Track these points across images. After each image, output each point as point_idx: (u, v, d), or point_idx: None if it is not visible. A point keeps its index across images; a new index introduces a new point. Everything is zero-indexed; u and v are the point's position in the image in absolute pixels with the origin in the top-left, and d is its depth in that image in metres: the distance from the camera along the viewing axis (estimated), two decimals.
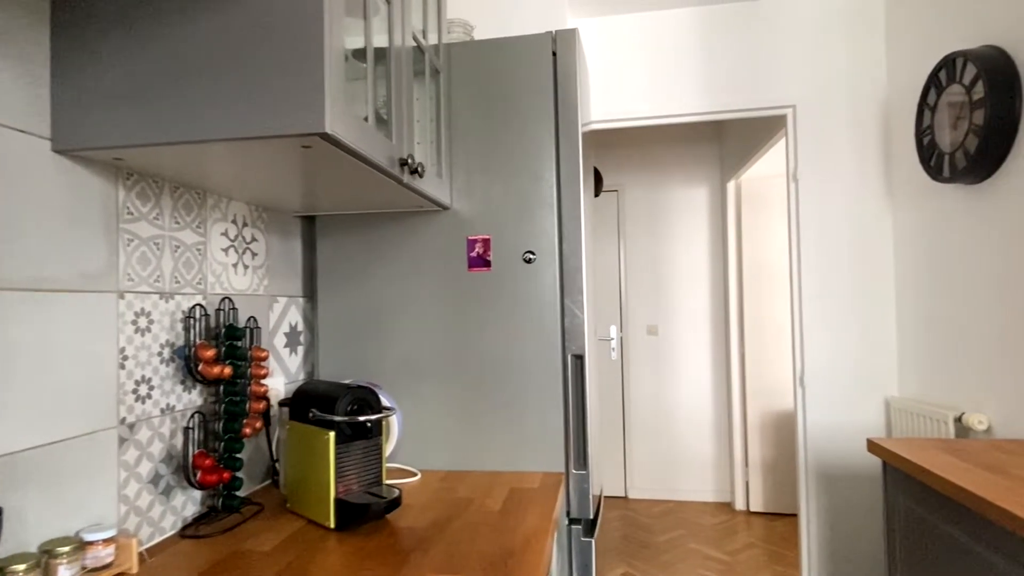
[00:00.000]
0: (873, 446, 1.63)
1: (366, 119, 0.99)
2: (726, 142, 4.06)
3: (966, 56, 1.79)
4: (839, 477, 2.45)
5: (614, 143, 4.34)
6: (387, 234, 1.49)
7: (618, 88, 2.62)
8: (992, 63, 1.70)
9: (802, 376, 2.48)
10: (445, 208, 1.45)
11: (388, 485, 1.17)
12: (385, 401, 1.33)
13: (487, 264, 1.43)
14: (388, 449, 1.34)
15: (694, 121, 2.60)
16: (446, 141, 1.43)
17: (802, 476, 2.48)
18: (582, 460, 1.39)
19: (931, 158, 1.99)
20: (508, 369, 1.42)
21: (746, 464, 3.89)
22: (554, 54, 1.42)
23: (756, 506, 3.85)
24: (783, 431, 3.81)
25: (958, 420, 1.90)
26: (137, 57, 0.87)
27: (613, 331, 4.34)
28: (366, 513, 1.07)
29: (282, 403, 1.27)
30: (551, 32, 1.42)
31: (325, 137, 0.82)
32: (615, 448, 4.26)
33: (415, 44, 1.25)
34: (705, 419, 4.15)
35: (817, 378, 2.46)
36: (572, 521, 1.41)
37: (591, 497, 1.39)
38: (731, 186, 3.96)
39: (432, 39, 1.39)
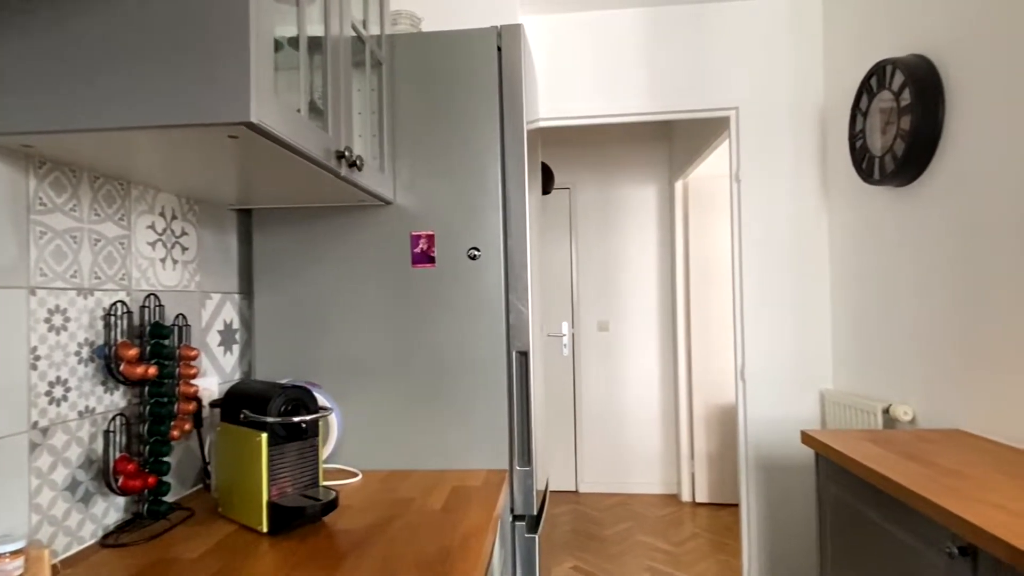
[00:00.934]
0: (806, 438, 1.69)
1: (299, 110, 0.95)
2: (674, 142, 4.15)
3: (895, 64, 1.87)
4: (778, 468, 2.54)
5: (566, 141, 4.36)
6: (328, 229, 1.45)
7: (568, 86, 2.63)
8: (918, 71, 1.78)
9: (743, 371, 2.55)
10: (388, 203, 1.43)
11: (325, 487, 1.14)
12: (323, 401, 1.29)
13: (431, 260, 1.41)
14: (327, 450, 1.31)
15: (641, 121, 2.64)
16: (389, 134, 1.41)
17: (743, 467, 2.56)
18: (526, 457, 1.40)
19: (863, 161, 2.07)
20: (452, 366, 1.41)
21: (692, 457, 3.99)
22: (499, 49, 1.41)
23: (702, 497, 3.96)
24: (727, 424, 3.93)
25: (886, 412, 1.99)
26: (47, 38, 0.81)
27: (565, 327, 4.37)
28: (300, 516, 1.04)
29: (213, 404, 1.22)
30: (496, 27, 1.41)
31: (251, 127, 0.79)
32: (566, 443, 4.30)
33: (355, 34, 1.22)
34: (653, 413, 4.24)
35: (757, 373, 2.54)
36: (516, 518, 1.41)
37: (535, 493, 1.39)
38: (679, 185, 4.05)
39: (374, 29, 1.36)
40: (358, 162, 1.11)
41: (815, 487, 2.10)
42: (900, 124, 1.85)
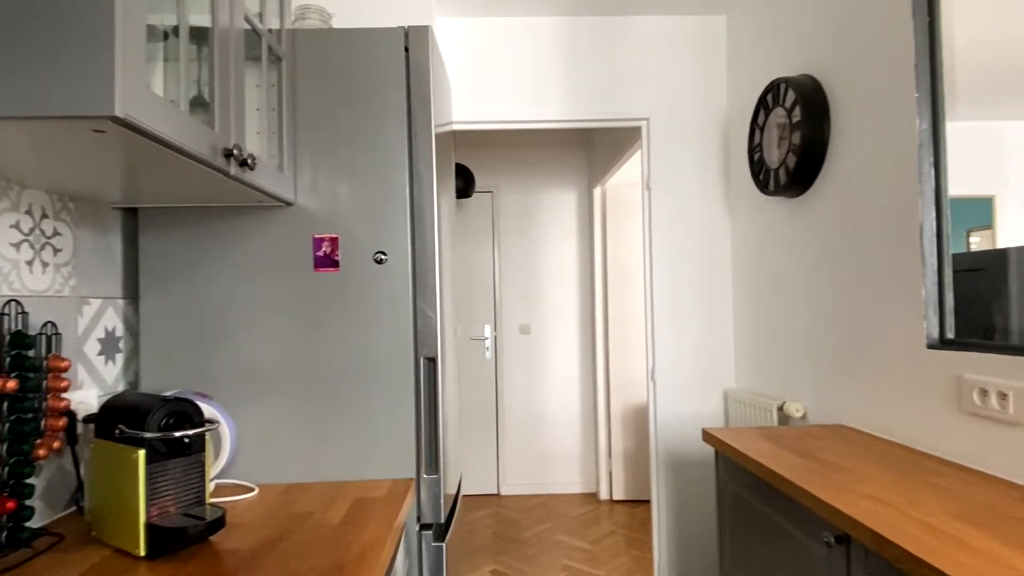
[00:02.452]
0: (707, 435, 1.77)
1: (178, 104, 0.89)
2: (593, 149, 4.25)
3: (787, 82, 1.99)
4: (685, 464, 2.64)
5: (489, 145, 4.37)
6: (223, 230, 1.37)
7: (487, 90, 2.64)
8: (807, 90, 1.91)
9: (653, 371, 2.64)
10: (289, 204, 1.37)
11: (213, 504, 1.08)
12: (212, 413, 1.22)
13: (335, 264, 1.36)
14: (219, 465, 1.23)
15: (558, 128, 2.68)
16: (290, 133, 1.35)
17: (653, 465, 2.65)
18: (434, 464, 1.38)
19: (760, 173, 2.20)
20: (357, 374, 1.37)
21: (609, 456, 4.10)
22: (407, 50, 1.38)
23: (619, 495, 4.07)
24: (642, 423, 4.06)
25: (780, 409, 2.12)
26: None
27: (487, 330, 4.38)
28: (182, 537, 0.97)
29: (87, 419, 1.12)
30: (403, 27, 1.38)
31: (118, 121, 0.73)
32: (488, 446, 4.30)
33: (248, 27, 1.16)
34: (573, 414, 4.31)
35: (666, 373, 2.64)
36: (424, 527, 1.38)
37: (443, 501, 1.38)
38: (597, 192, 4.15)
39: (273, 23, 1.30)
40: (250, 161, 1.05)
41: (715, 482, 2.21)
42: (792, 139, 1.97)
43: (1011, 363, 1.26)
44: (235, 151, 1.01)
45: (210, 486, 1.25)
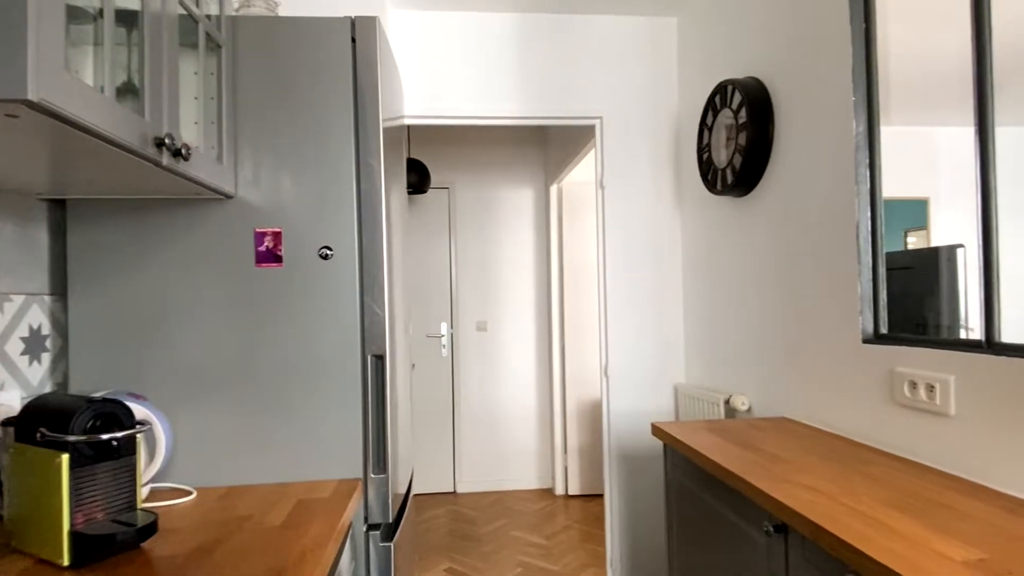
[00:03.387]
0: (656, 430, 1.80)
1: (103, 89, 0.85)
2: (549, 147, 4.26)
3: (734, 84, 2.04)
4: (637, 458, 2.69)
5: (445, 140, 4.34)
6: (158, 223, 1.31)
7: (440, 85, 2.61)
8: (753, 92, 1.96)
9: (606, 367, 2.67)
10: (229, 197, 1.32)
11: (146, 510, 1.03)
12: (146, 414, 1.17)
13: (278, 259, 1.32)
14: (154, 468, 1.18)
15: (513, 124, 2.68)
16: (230, 123, 1.30)
17: (607, 459, 2.68)
18: (382, 464, 1.35)
19: (709, 172, 2.25)
20: (301, 372, 1.33)
21: (565, 451, 4.13)
22: (353, 40, 1.35)
23: (574, 489, 4.10)
24: (597, 418, 4.10)
25: (727, 402, 2.17)
26: None
27: (444, 328, 4.35)
28: (110, 545, 0.93)
29: (7, 423, 1.06)
30: (350, 17, 1.35)
31: (32, 106, 0.69)
32: (444, 444, 4.28)
33: (184, 11, 1.11)
34: (530, 410, 4.33)
35: (619, 369, 2.67)
36: (371, 527, 1.36)
37: (391, 501, 1.36)
38: (554, 189, 4.16)
39: (211, 8, 1.25)
40: (184, 151, 1.01)
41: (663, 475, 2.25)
42: (738, 140, 2.02)
43: (938, 356, 1.32)
44: (167, 140, 0.96)
45: (143, 491, 1.20)
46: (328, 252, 1.34)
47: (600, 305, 2.70)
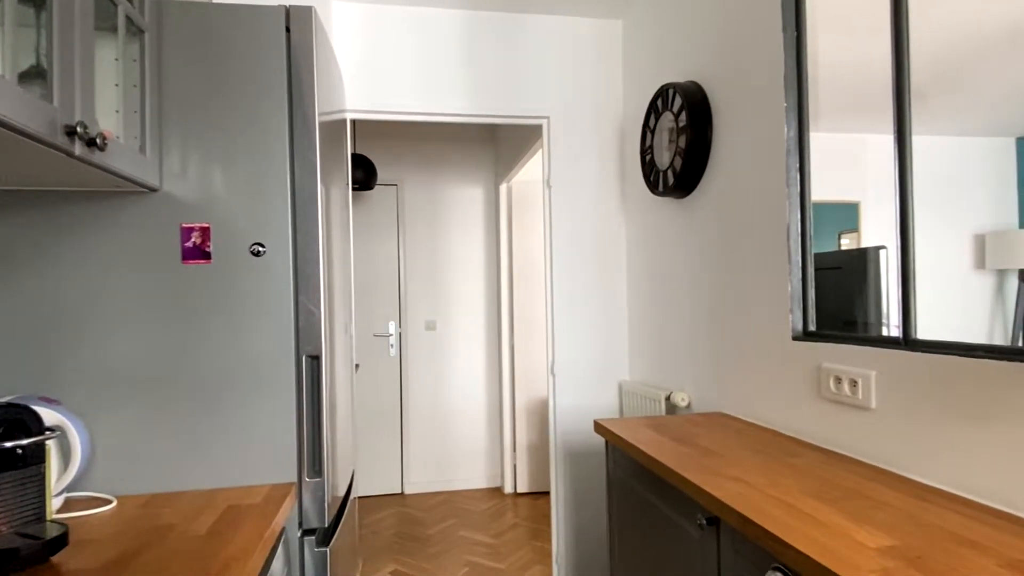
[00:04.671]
0: (598, 426, 1.82)
1: (2, 73, 0.79)
2: (499, 145, 4.26)
3: (675, 88, 2.09)
4: (582, 455, 2.72)
5: (394, 136, 4.28)
6: (75, 217, 1.24)
7: (386, 79, 2.56)
8: (693, 96, 2.01)
9: (553, 365, 2.69)
10: (153, 190, 1.26)
11: (57, 521, 0.97)
12: (59, 420, 1.10)
13: (206, 256, 1.27)
14: (67, 477, 1.11)
15: (460, 122, 2.66)
16: (154, 113, 1.24)
17: (553, 456, 2.70)
18: (317, 467, 1.32)
19: (651, 174, 2.29)
20: (231, 374, 1.28)
21: (514, 449, 4.14)
22: (288, 30, 1.31)
23: (523, 487, 4.12)
24: (546, 416, 4.13)
25: (667, 399, 2.22)
26: None
27: (392, 327, 4.29)
28: (14, 559, 0.87)
29: None
30: (284, 6, 1.31)
31: None
32: (392, 445, 4.22)
33: None
34: (479, 409, 4.32)
35: (566, 367, 2.69)
36: (306, 532, 1.32)
37: (326, 505, 1.32)
38: (503, 188, 4.17)
39: None
40: (99, 140, 0.95)
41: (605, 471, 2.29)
42: (679, 143, 2.07)
43: (861, 353, 1.38)
44: (79, 129, 0.91)
45: (56, 501, 1.13)
46: (260, 249, 1.29)
47: (547, 303, 2.72)
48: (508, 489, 4.17)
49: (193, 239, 1.26)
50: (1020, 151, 1.07)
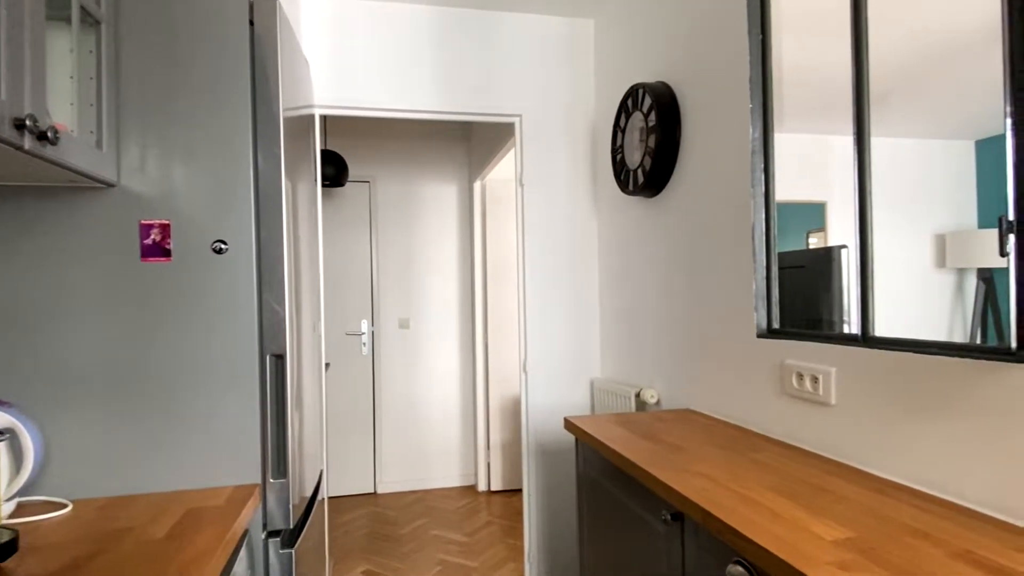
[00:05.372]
0: (567, 424, 1.83)
1: None
2: (473, 143, 4.25)
3: (645, 88, 2.10)
4: (554, 452, 2.73)
5: (366, 133, 4.23)
6: (28, 213, 1.20)
7: (356, 75, 2.54)
8: (662, 96, 2.03)
9: (525, 363, 2.70)
10: (111, 186, 1.22)
11: (6, 526, 0.94)
12: (11, 421, 1.07)
13: (166, 254, 1.24)
14: (20, 481, 1.08)
15: (432, 119, 2.64)
16: (111, 106, 1.20)
17: (525, 454, 2.71)
18: (282, 468, 1.30)
19: (622, 173, 2.31)
20: (193, 374, 1.26)
21: (488, 447, 4.14)
22: (251, 23, 1.29)
23: (496, 485, 4.12)
24: (519, 414, 4.14)
25: (637, 396, 2.24)
26: None
27: (364, 325, 4.25)
28: None
29: None
30: None
31: None
32: (365, 445, 4.19)
33: None
34: (453, 408, 4.31)
35: (538, 365, 2.70)
36: (271, 534, 1.31)
37: (291, 506, 1.31)
38: (477, 186, 4.16)
39: None
40: (51, 134, 0.92)
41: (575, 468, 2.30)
42: (648, 142, 2.08)
43: (822, 350, 1.41)
44: (29, 122, 0.88)
45: (7, 506, 1.09)
46: (222, 246, 1.27)
47: (519, 301, 2.72)
48: (482, 487, 4.17)
49: (152, 236, 1.23)
50: (979, 154, 1.10)
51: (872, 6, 1.27)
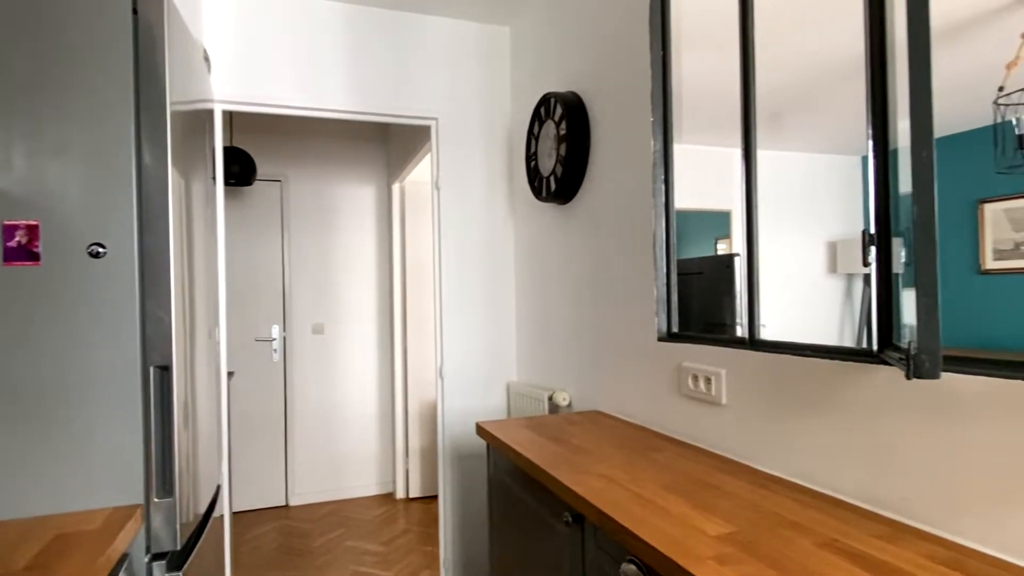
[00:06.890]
0: (479, 429, 1.83)
1: None
2: (391, 145, 4.18)
3: (556, 97, 2.15)
4: (469, 457, 2.73)
5: (277, 130, 4.07)
6: None
7: (264, 71, 2.43)
8: (572, 105, 2.08)
9: (441, 368, 2.68)
10: None
11: None
12: None
13: (34, 257, 1.14)
14: None
15: (345, 118, 2.58)
16: None
17: (441, 460, 2.69)
18: (168, 486, 1.22)
19: (535, 180, 2.34)
20: (65, 388, 1.16)
21: (407, 454, 4.08)
22: (135, 12, 1.20)
23: (415, 492, 4.06)
24: (436, 419, 4.10)
25: (551, 398, 2.28)
26: None
27: (275, 331, 4.07)
28: None
29: None
30: None
31: None
32: (276, 456, 4.01)
33: None
34: (370, 415, 4.22)
35: (455, 369, 2.69)
36: (156, 556, 1.22)
37: (179, 526, 1.23)
38: (396, 188, 4.09)
39: None
40: None
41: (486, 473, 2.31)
42: (560, 151, 2.13)
43: (714, 352, 1.49)
44: None
45: None
46: (100, 250, 1.17)
47: (436, 306, 2.70)
48: (400, 495, 4.10)
49: (18, 238, 1.13)
50: (864, 169, 1.20)
51: (759, 28, 1.36)
